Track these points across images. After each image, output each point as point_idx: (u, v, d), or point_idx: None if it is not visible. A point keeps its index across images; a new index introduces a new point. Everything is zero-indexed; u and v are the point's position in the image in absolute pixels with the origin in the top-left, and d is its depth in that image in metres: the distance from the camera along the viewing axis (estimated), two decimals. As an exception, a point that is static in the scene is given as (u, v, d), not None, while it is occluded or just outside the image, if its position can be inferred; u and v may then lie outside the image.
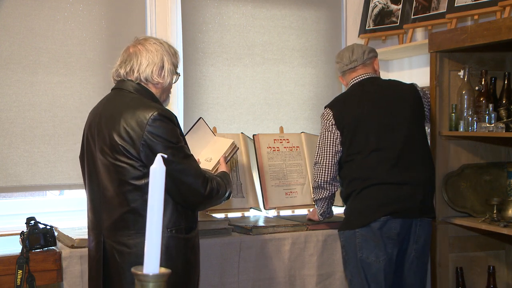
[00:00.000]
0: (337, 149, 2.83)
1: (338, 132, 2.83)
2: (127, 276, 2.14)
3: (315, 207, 3.01)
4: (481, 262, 3.06)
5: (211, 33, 3.52)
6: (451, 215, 2.99)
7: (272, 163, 3.38)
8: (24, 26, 3.07)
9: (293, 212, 3.38)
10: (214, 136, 2.84)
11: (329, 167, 2.83)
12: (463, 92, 2.95)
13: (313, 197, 2.99)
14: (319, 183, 2.86)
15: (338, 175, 2.89)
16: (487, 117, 2.79)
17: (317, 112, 3.74)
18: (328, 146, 2.83)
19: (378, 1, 3.68)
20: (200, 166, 2.32)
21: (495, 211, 2.82)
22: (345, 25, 3.84)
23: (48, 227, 2.57)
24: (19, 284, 2.43)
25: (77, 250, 2.57)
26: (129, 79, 2.27)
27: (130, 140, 2.12)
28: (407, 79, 3.40)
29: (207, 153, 2.69)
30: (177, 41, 3.37)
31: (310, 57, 3.76)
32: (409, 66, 3.84)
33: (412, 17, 3.43)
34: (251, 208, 3.30)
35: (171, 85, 2.36)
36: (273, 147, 3.43)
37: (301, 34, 3.74)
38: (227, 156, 2.64)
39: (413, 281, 2.79)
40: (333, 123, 2.83)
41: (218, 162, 2.58)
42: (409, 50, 3.55)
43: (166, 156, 1.13)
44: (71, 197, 3.35)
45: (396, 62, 3.92)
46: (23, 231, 2.55)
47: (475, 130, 2.83)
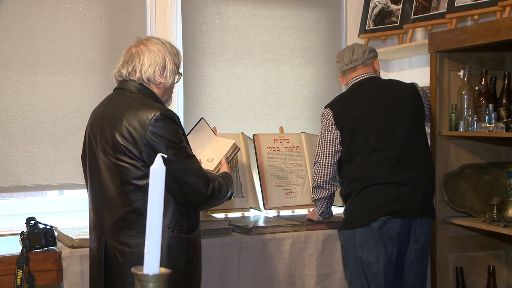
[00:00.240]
0: (336, 149, 2.83)
1: (338, 132, 2.82)
2: (129, 276, 2.14)
3: (315, 207, 3.01)
4: (481, 262, 3.05)
5: (211, 33, 3.52)
6: (451, 215, 2.99)
7: (272, 163, 3.38)
8: (24, 26, 3.07)
9: (293, 212, 3.38)
10: (215, 136, 2.84)
11: (329, 167, 2.83)
12: (463, 92, 2.95)
13: (312, 197, 2.99)
14: (319, 183, 2.86)
15: (337, 174, 2.89)
16: (487, 117, 2.79)
17: (317, 112, 3.74)
18: (327, 146, 2.83)
19: (378, 1, 3.68)
20: (202, 166, 2.32)
21: (495, 211, 2.81)
22: (345, 25, 3.84)
23: (48, 227, 2.57)
24: (19, 284, 2.43)
25: (77, 250, 2.57)
26: (131, 79, 2.27)
27: (132, 140, 2.12)
28: (407, 79, 3.40)
29: (208, 153, 2.69)
30: (177, 41, 3.37)
31: (310, 57, 3.76)
32: (409, 66, 3.84)
33: (412, 17, 3.43)
34: (251, 208, 3.30)
35: (173, 85, 2.36)
36: (273, 147, 3.43)
37: (301, 34, 3.74)
38: (228, 156, 2.64)
39: (413, 281, 2.79)
40: (333, 123, 2.83)
41: (219, 162, 2.58)
42: (409, 50, 3.55)
43: (166, 156, 1.13)
44: (71, 197, 3.35)
45: (396, 62, 3.92)
46: (23, 231, 2.55)
47: (475, 130, 2.83)
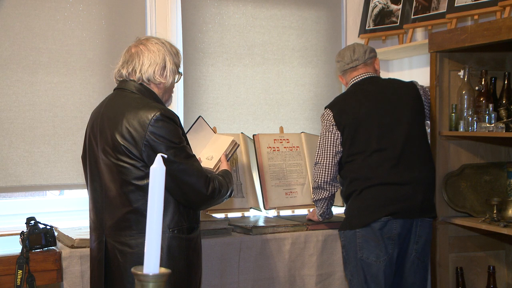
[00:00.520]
0: (337, 150, 2.82)
1: (338, 132, 2.82)
2: (129, 276, 2.14)
3: (315, 207, 3.01)
4: (481, 262, 3.05)
5: (211, 33, 3.52)
6: (451, 215, 2.99)
7: (272, 163, 3.38)
8: (24, 26, 3.07)
9: (293, 212, 3.38)
10: (214, 134, 2.84)
11: (329, 168, 2.83)
12: (463, 92, 2.95)
13: (312, 197, 2.98)
14: (319, 184, 2.86)
15: (338, 175, 2.88)
16: (487, 117, 2.79)
17: (317, 112, 3.74)
18: (328, 146, 2.83)
19: (378, 1, 3.68)
20: (201, 164, 2.32)
21: (495, 211, 2.81)
22: (345, 25, 3.84)
23: (48, 227, 2.57)
24: (19, 284, 2.43)
25: (77, 250, 2.57)
26: (131, 79, 2.27)
27: (132, 140, 2.12)
28: (407, 79, 3.39)
29: (208, 151, 2.69)
30: (177, 41, 3.37)
31: (310, 57, 3.76)
32: (409, 66, 3.84)
33: (412, 17, 3.43)
34: (251, 208, 3.30)
35: (174, 85, 2.36)
36: (273, 147, 3.42)
37: (301, 34, 3.74)
38: (228, 153, 2.64)
39: (414, 281, 2.79)
40: (333, 123, 2.82)
41: (219, 160, 2.58)
42: (409, 50, 3.55)
43: (166, 156, 1.13)
44: (71, 197, 3.35)
45: (396, 62, 3.92)
46: (23, 231, 2.55)
47: (475, 130, 2.83)
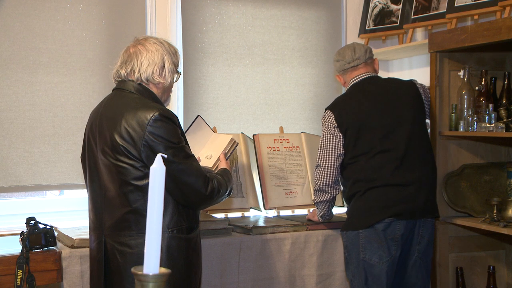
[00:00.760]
0: (339, 153, 2.79)
1: (340, 135, 2.79)
2: (128, 276, 2.14)
3: (315, 208, 3.00)
4: (481, 262, 3.05)
5: (211, 33, 3.52)
6: (451, 215, 2.99)
7: (272, 163, 3.38)
8: (24, 26, 3.07)
9: (293, 212, 3.38)
10: (213, 133, 2.84)
11: (331, 171, 2.80)
12: (463, 92, 2.95)
13: (313, 199, 2.97)
14: (321, 187, 2.84)
15: (341, 176, 2.86)
16: (487, 117, 2.79)
17: (317, 112, 3.74)
18: (330, 149, 2.80)
19: (378, 1, 3.68)
20: (200, 164, 2.31)
21: (495, 211, 2.81)
22: (345, 25, 3.84)
23: (48, 227, 2.57)
24: (19, 284, 2.43)
25: (77, 250, 2.57)
26: (130, 79, 2.26)
27: (131, 140, 2.12)
28: (407, 79, 3.40)
29: (206, 150, 2.69)
30: (177, 41, 3.37)
31: (310, 57, 3.76)
32: (409, 66, 3.84)
33: (412, 17, 3.43)
34: (251, 208, 3.30)
35: (172, 84, 2.35)
36: (273, 147, 3.42)
37: (301, 34, 3.74)
38: (227, 152, 2.64)
39: (415, 281, 2.78)
40: (335, 125, 2.79)
41: (218, 159, 2.58)
42: (409, 50, 3.55)
43: (166, 156, 1.13)
44: (71, 197, 3.35)
45: (396, 62, 3.92)
46: (23, 231, 2.55)
47: (475, 130, 2.83)
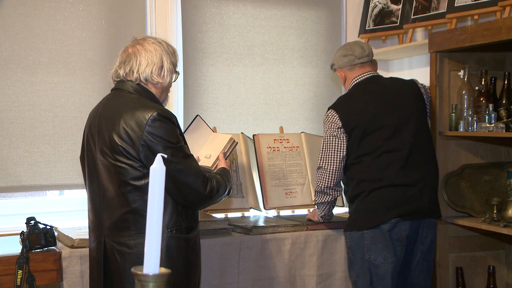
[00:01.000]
0: (343, 155, 2.76)
1: (345, 136, 2.75)
2: (128, 276, 2.15)
3: (316, 208, 3.00)
4: (481, 262, 3.06)
5: (211, 33, 3.52)
6: (451, 215, 2.99)
7: (272, 163, 3.38)
8: (24, 26, 3.07)
9: (293, 212, 3.38)
10: (212, 132, 2.84)
11: (334, 173, 2.77)
12: (463, 92, 2.95)
13: (314, 199, 2.95)
14: (322, 189, 2.82)
15: (344, 176, 2.83)
16: (487, 117, 2.79)
17: (317, 112, 3.74)
18: (333, 151, 2.76)
19: (378, 1, 3.68)
20: (199, 163, 2.31)
21: (495, 211, 2.81)
22: (345, 25, 3.84)
23: (48, 227, 2.57)
24: (19, 284, 2.43)
25: (77, 250, 2.57)
26: (129, 79, 2.26)
27: (129, 140, 2.12)
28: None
29: (206, 150, 2.69)
30: (177, 41, 3.37)
31: (310, 57, 3.76)
32: (409, 66, 3.84)
33: (412, 17, 3.43)
34: (251, 208, 3.30)
35: (171, 84, 2.35)
36: (273, 147, 3.42)
37: (301, 34, 3.74)
38: (226, 152, 2.64)
39: (418, 281, 2.78)
40: (340, 126, 2.75)
41: (217, 158, 2.58)
42: (409, 50, 3.55)
43: (166, 156, 1.13)
44: (71, 197, 3.35)
45: (396, 62, 3.92)
46: (23, 231, 2.55)
47: (475, 130, 2.83)
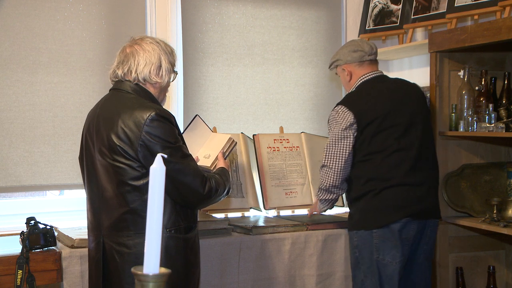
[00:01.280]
0: (350, 154, 2.71)
1: (355, 133, 2.70)
2: (127, 276, 2.15)
3: (317, 199, 2.93)
4: (481, 262, 3.06)
5: (211, 33, 3.52)
6: (451, 215, 2.99)
7: (272, 163, 3.38)
8: (24, 26, 3.07)
9: (293, 212, 3.38)
10: (211, 132, 2.84)
11: (340, 172, 2.73)
12: (463, 92, 2.95)
13: (318, 194, 2.90)
14: (327, 187, 2.78)
15: (350, 174, 2.77)
16: (487, 117, 2.79)
17: (317, 112, 3.74)
18: (341, 149, 2.71)
19: (378, 1, 3.68)
20: (199, 163, 2.31)
21: (495, 211, 2.81)
22: (345, 25, 3.84)
23: (48, 227, 2.57)
24: (19, 284, 2.43)
25: (77, 250, 2.57)
26: (127, 79, 2.26)
27: (128, 140, 2.12)
28: (407, 79, 3.40)
29: (205, 150, 2.70)
30: (177, 41, 3.37)
31: (310, 57, 3.76)
32: (409, 66, 3.84)
33: (412, 17, 3.43)
34: (251, 208, 3.30)
35: (169, 84, 2.35)
36: (273, 147, 3.43)
37: (301, 34, 3.74)
38: (225, 151, 2.64)
39: (419, 281, 2.78)
40: (352, 122, 2.69)
41: (216, 158, 2.58)
42: (409, 50, 3.55)
43: (166, 156, 1.13)
44: (71, 197, 3.35)
45: (396, 62, 3.92)
46: (23, 231, 2.55)
47: (475, 130, 2.83)
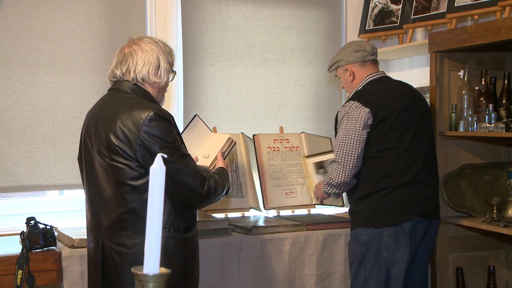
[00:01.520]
0: (362, 150, 2.66)
1: (368, 129, 2.65)
2: (126, 276, 2.14)
3: (322, 184, 2.83)
4: (481, 262, 3.05)
5: (211, 33, 3.52)
6: (451, 215, 2.99)
7: (272, 163, 3.38)
8: (24, 26, 3.07)
9: (293, 212, 3.38)
10: (210, 132, 2.84)
11: (352, 169, 2.66)
12: (463, 92, 2.95)
13: (325, 188, 2.78)
14: (338, 183, 2.70)
15: (361, 170, 2.71)
16: (487, 117, 2.79)
17: (317, 112, 3.74)
18: (354, 146, 2.65)
19: (378, 1, 3.68)
20: (198, 163, 2.30)
21: (495, 211, 2.81)
22: (345, 25, 3.84)
23: (48, 227, 2.57)
24: (19, 284, 2.43)
25: (77, 250, 2.57)
26: (125, 79, 2.26)
27: (126, 140, 2.12)
28: (407, 79, 3.39)
29: (204, 149, 2.69)
30: (177, 41, 3.37)
31: (310, 57, 3.76)
32: (409, 66, 3.84)
33: (412, 17, 3.43)
34: (251, 208, 3.30)
35: (168, 84, 2.35)
36: (273, 147, 3.43)
37: (301, 34, 3.74)
38: (224, 151, 2.63)
39: (420, 281, 2.78)
40: (368, 117, 2.64)
41: (215, 158, 2.57)
42: (409, 50, 3.55)
43: (166, 156, 1.13)
44: (71, 197, 3.35)
45: (396, 62, 3.92)
46: (23, 231, 2.55)
47: (475, 130, 2.83)
